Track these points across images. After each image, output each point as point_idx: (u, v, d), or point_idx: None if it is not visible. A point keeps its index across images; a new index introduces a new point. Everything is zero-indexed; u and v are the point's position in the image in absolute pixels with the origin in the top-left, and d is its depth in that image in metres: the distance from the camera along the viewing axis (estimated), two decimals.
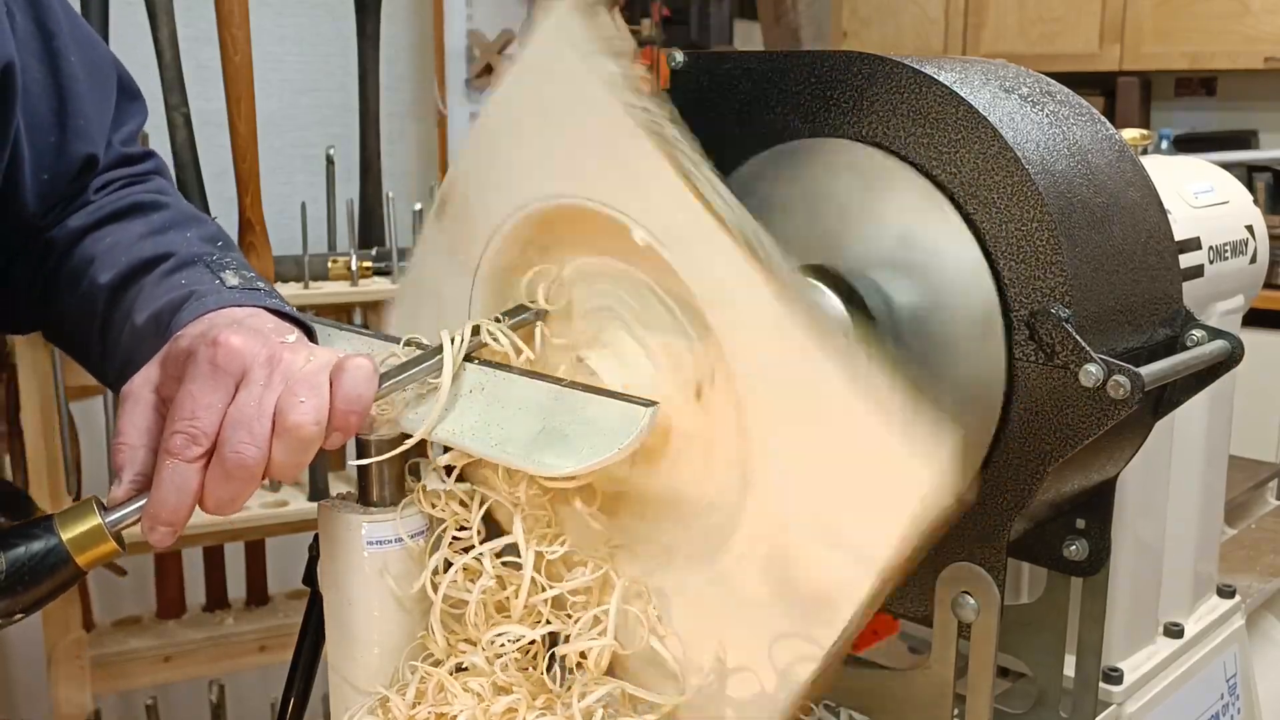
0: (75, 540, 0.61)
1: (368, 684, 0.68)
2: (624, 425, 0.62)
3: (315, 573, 0.72)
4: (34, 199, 0.80)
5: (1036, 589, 0.80)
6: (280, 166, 2.56)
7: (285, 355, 0.64)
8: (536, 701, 0.65)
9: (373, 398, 0.64)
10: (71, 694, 1.79)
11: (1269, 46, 3.17)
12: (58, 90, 0.80)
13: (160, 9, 1.85)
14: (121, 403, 0.65)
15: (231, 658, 2.01)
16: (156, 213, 0.82)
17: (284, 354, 0.64)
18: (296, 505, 1.96)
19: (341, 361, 0.64)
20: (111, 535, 0.62)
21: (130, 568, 2.03)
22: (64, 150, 0.81)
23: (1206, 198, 0.92)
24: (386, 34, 2.21)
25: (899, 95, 0.68)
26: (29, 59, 0.78)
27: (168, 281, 0.74)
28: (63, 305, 0.81)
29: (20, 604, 0.59)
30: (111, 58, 0.86)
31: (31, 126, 0.78)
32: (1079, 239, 0.65)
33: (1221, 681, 0.97)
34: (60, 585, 0.60)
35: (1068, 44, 3.47)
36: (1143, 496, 0.87)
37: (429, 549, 0.68)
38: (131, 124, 0.87)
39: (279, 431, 0.62)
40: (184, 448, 0.60)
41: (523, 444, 0.65)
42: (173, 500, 0.61)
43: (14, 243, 0.83)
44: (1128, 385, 0.61)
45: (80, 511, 0.61)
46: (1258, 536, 1.23)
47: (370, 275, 1.97)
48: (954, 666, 0.69)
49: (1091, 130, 0.72)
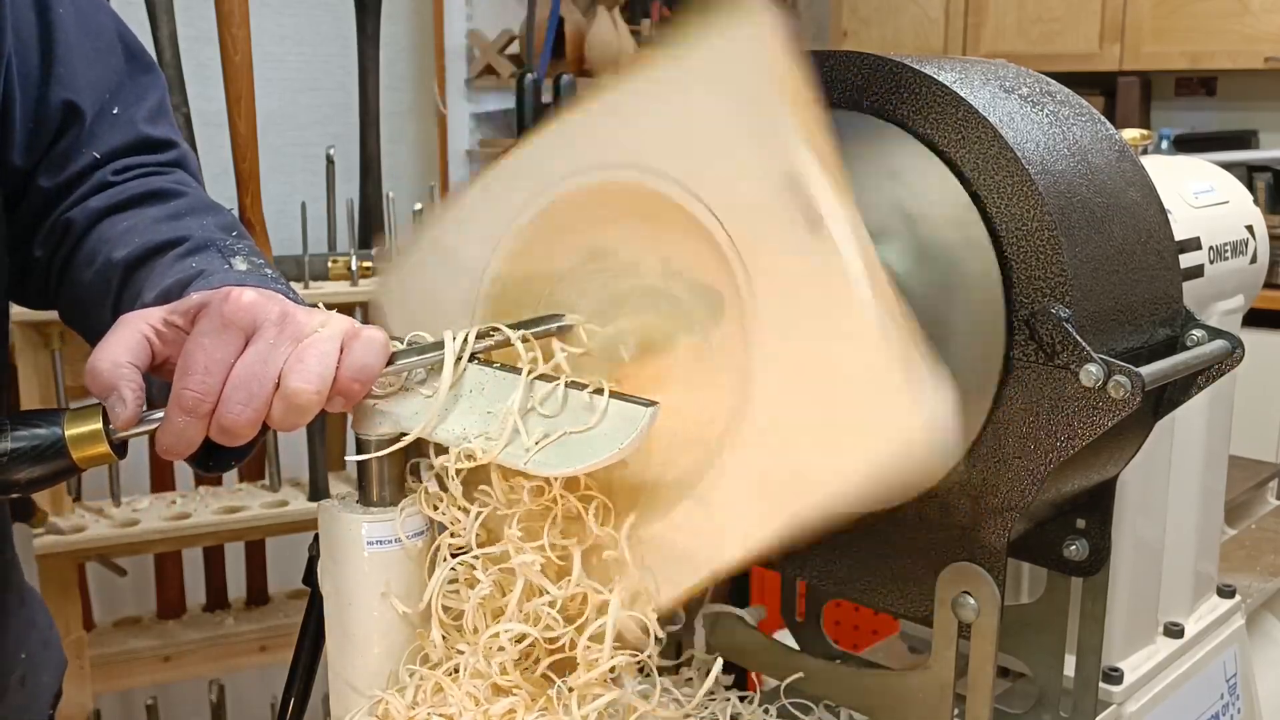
0: (75, 438, 0.65)
1: (367, 684, 0.68)
2: (624, 425, 0.62)
3: (315, 573, 0.72)
4: (21, 152, 0.81)
5: (1036, 589, 0.80)
6: (280, 166, 2.56)
7: (297, 314, 0.65)
8: (536, 703, 0.65)
9: (380, 370, 0.65)
10: (71, 694, 1.79)
11: (1269, 46, 3.17)
12: (45, 38, 0.80)
13: (160, 9, 1.86)
14: (114, 329, 0.66)
15: (231, 658, 2.01)
16: (174, 200, 0.83)
17: (296, 313, 0.65)
18: (296, 505, 1.96)
19: (356, 329, 0.65)
20: (113, 446, 0.65)
21: (130, 568, 2.04)
22: (46, 98, 0.81)
23: (1206, 198, 0.92)
24: (386, 34, 2.21)
25: (899, 95, 0.68)
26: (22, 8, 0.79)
27: (180, 264, 0.76)
28: (78, 283, 0.82)
29: (16, 484, 0.65)
30: (115, 25, 0.86)
31: (22, 75, 0.79)
32: (1079, 239, 0.65)
33: (1221, 681, 0.97)
34: (55, 474, 0.65)
35: (1068, 44, 3.47)
36: (1143, 496, 0.87)
37: (429, 556, 0.68)
38: (151, 98, 0.87)
39: (279, 394, 0.63)
40: (195, 406, 0.63)
41: (522, 444, 0.65)
42: (180, 448, 0.64)
43: (27, 221, 0.84)
44: (1128, 385, 0.61)
45: (88, 413, 0.65)
46: (1258, 536, 1.23)
47: (370, 275, 1.97)
48: (954, 666, 0.69)
49: (1091, 130, 0.72)
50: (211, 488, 2.03)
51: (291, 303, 0.66)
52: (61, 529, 1.81)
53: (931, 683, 0.70)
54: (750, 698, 0.81)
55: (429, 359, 0.67)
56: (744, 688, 0.84)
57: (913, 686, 0.71)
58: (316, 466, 1.98)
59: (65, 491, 1.88)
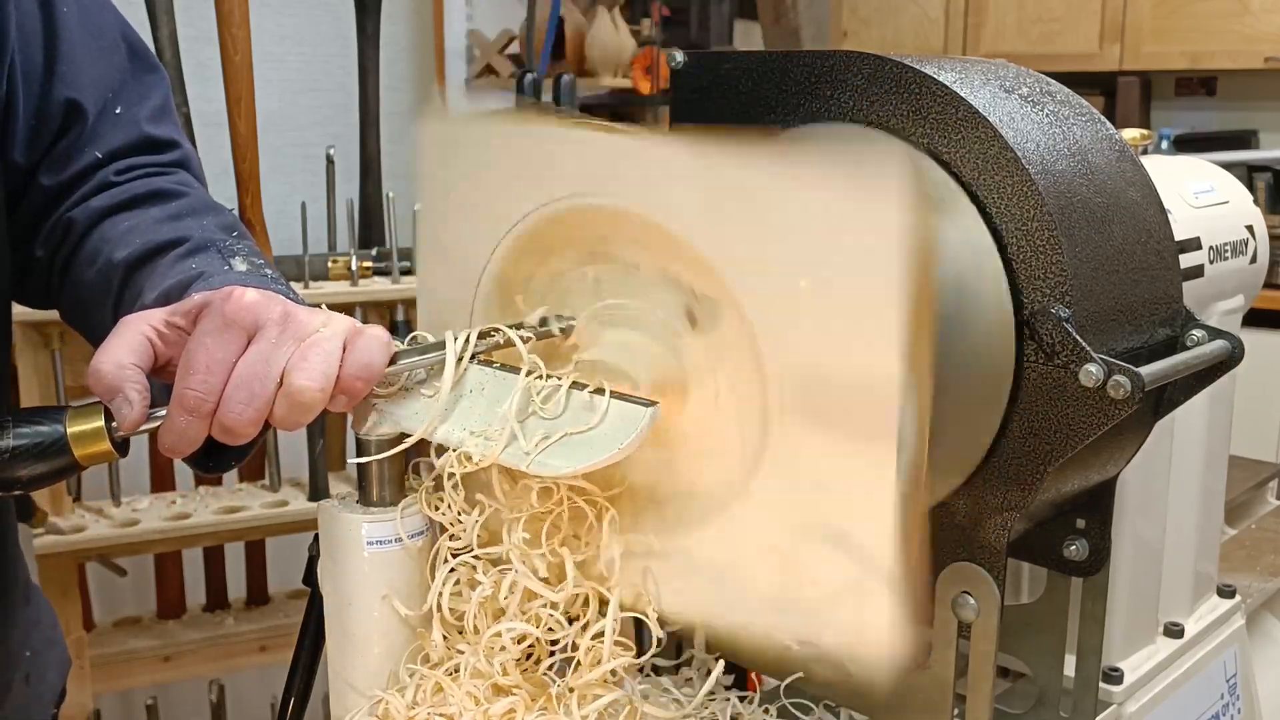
0: (78, 435, 0.65)
1: (367, 684, 0.68)
2: (624, 425, 0.62)
3: (315, 573, 0.72)
4: (22, 149, 0.82)
5: (1036, 589, 0.80)
6: (280, 166, 2.56)
7: (299, 314, 0.65)
8: (536, 703, 0.65)
9: (384, 368, 0.65)
10: (71, 694, 1.79)
11: (1269, 46, 3.17)
12: (49, 36, 0.81)
13: (160, 9, 1.86)
14: (116, 330, 0.67)
15: (231, 658, 2.01)
16: (176, 200, 0.83)
17: (298, 313, 0.65)
18: (296, 505, 1.96)
19: (359, 328, 0.65)
20: (114, 444, 0.65)
21: (130, 568, 2.04)
22: (49, 96, 0.81)
23: (1206, 198, 0.92)
24: (386, 34, 2.21)
25: (899, 95, 0.68)
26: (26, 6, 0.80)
27: (180, 265, 0.76)
28: (79, 283, 0.82)
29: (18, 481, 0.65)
30: (119, 24, 0.87)
31: (25, 73, 0.80)
32: (1079, 239, 0.65)
33: (1221, 681, 0.97)
34: (57, 471, 0.66)
35: (1068, 44, 3.47)
36: (1143, 496, 0.87)
37: (431, 557, 0.68)
38: (154, 98, 0.88)
39: (283, 392, 0.63)
40: (197, 406, 0.63)
41: (522, 445, 0.65)
42: (181, 447, 0.65)
43: (28, 220, 0.84)
44: (1128, 385, 0.61)
45: (90, 411, 0.66)
46: (1258, 536, 1.23)
47: (370, 275, 1.97)
48: (954, 666, 0.69)
49: (1091, 130, 0.72)
50: (211, 488, 2.03)
51: (293, 303, 0.66)
52: (61, 529, 1.81)
53: (931, 683, 0.70)
54: (750, 698, 0.81)
55: (431, 359, 0.67)
56: (744, 688, 0.84)
57: (913, 686, 0.71)
58: (316, 466, 1.98)
59: (65, 491, 1.88)
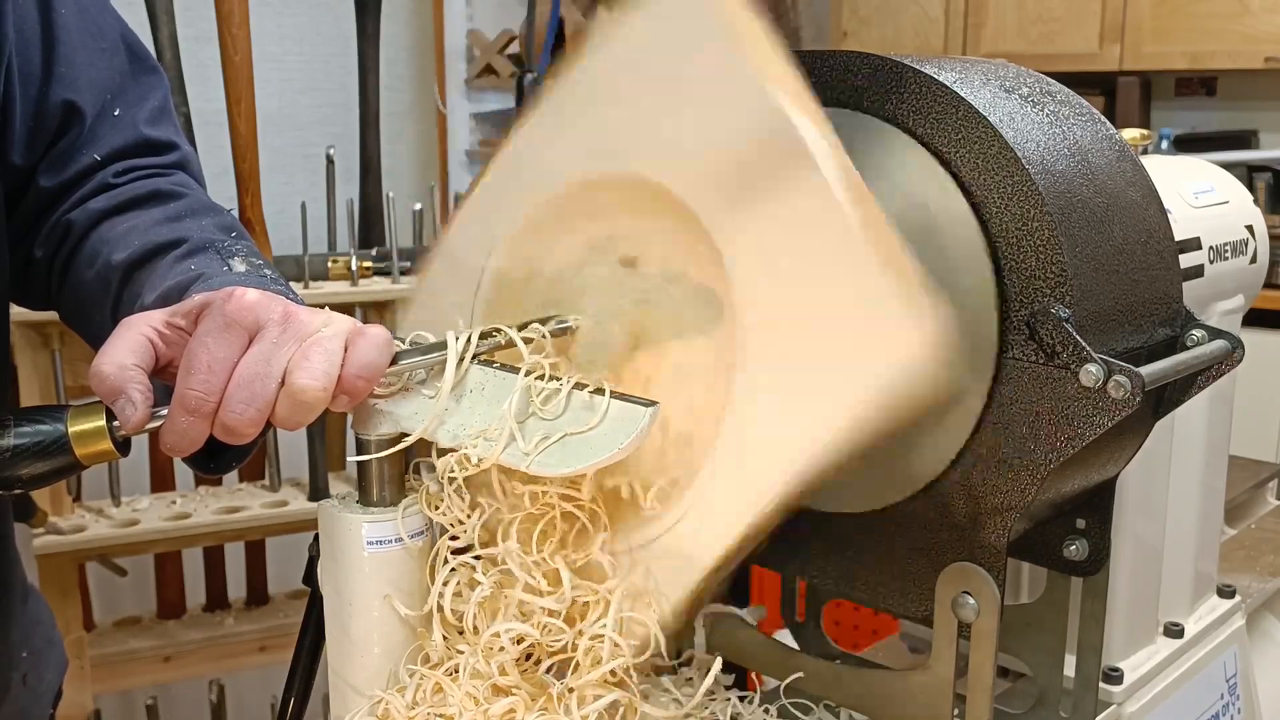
0: (79, 434, 0.65)
1: (367, 684, 0.68)
2: (624, 425, 0.62)
3: (315, 573, 0.72)
4: (21, 151, 0.82)
5: (1036, 589, 0.80)
6: (280, 166, 2.56)
7: (300, 314, 0.65)
8: (536, 703, 0.65)
9: (385, 367, 0.65)
10: (71, 694, 1.79)
11: (1269, 46, 3.17)
12: (48, 37, 0.81)
13: (160, 9, 1.86)
14: (117, 331, 0.66)
15: (231, 658, 2.01)
16: (174, 201, 0.83)
17: (299, 313, 0.65)
18: (296, 505, 1.96)
19: (360, 328, 0.65)
20: (116, 443, 0.65)
21: (130, 568, 2.04)
22: (47, 97, 0.81)
23: (1206, 198, 0.92)
24: (386, 34, 2.21)
25: (899, 95, 0.68)
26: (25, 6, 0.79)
27: (179, 266, 0.76)
28: (79, 284, 0.82)
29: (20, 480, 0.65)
30: (118, 26, 0.86)
31: (23, 74, 0.80)
32: (1079, 239, 0.65)
33: (1221, 681, 0.97)
34: (58, 470, 0.66)
35: (1068, 44, 3.46)
36: (1143, 496, 0.87)
37: (431, 558, 0.68)
38: (153, 99, 0.88)
39: (285, 391, 0.63)
40: (198, 406, 0.63)
41: (522, 445, 0.65)
42: (183, 446, 0.65)
43: (27, 221, 0.84)
44: (1128, 385, 0.61)
45: (91, 411, 0.66)
46: (1258, 536, 1.23)
47: (370, 275, 1.97)
48: (954, 666, 0.69)
49: (1091, 130, 0.72)
50: (211, 488, 2.03)
51: (293, 303, 0.66)
52: (61, 529, 1.81)
53: (931, 683, 0.70)
54: (750, 698, 0.81)
55: (432, 359, 0.67)
56: (744, 688, 0.84)
57: (913, 686, 0.71)
58: (316, 466, 1.98)
59: (65, 491, 1.88)
